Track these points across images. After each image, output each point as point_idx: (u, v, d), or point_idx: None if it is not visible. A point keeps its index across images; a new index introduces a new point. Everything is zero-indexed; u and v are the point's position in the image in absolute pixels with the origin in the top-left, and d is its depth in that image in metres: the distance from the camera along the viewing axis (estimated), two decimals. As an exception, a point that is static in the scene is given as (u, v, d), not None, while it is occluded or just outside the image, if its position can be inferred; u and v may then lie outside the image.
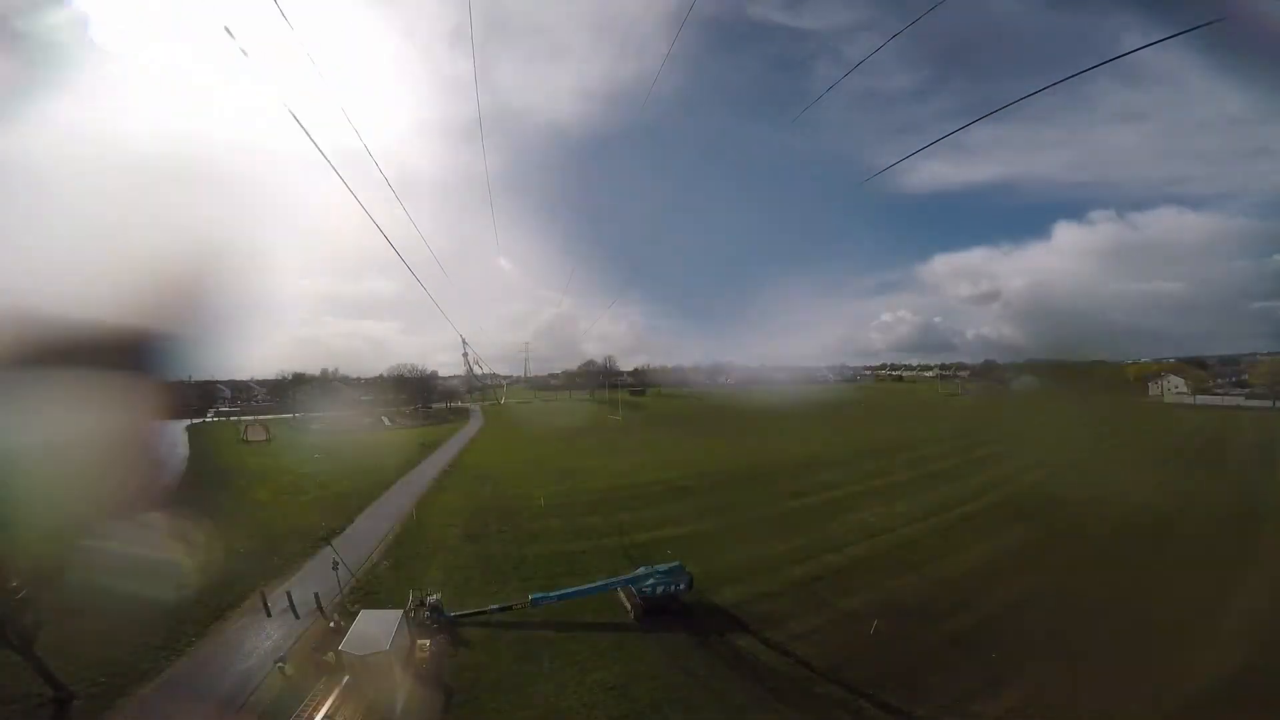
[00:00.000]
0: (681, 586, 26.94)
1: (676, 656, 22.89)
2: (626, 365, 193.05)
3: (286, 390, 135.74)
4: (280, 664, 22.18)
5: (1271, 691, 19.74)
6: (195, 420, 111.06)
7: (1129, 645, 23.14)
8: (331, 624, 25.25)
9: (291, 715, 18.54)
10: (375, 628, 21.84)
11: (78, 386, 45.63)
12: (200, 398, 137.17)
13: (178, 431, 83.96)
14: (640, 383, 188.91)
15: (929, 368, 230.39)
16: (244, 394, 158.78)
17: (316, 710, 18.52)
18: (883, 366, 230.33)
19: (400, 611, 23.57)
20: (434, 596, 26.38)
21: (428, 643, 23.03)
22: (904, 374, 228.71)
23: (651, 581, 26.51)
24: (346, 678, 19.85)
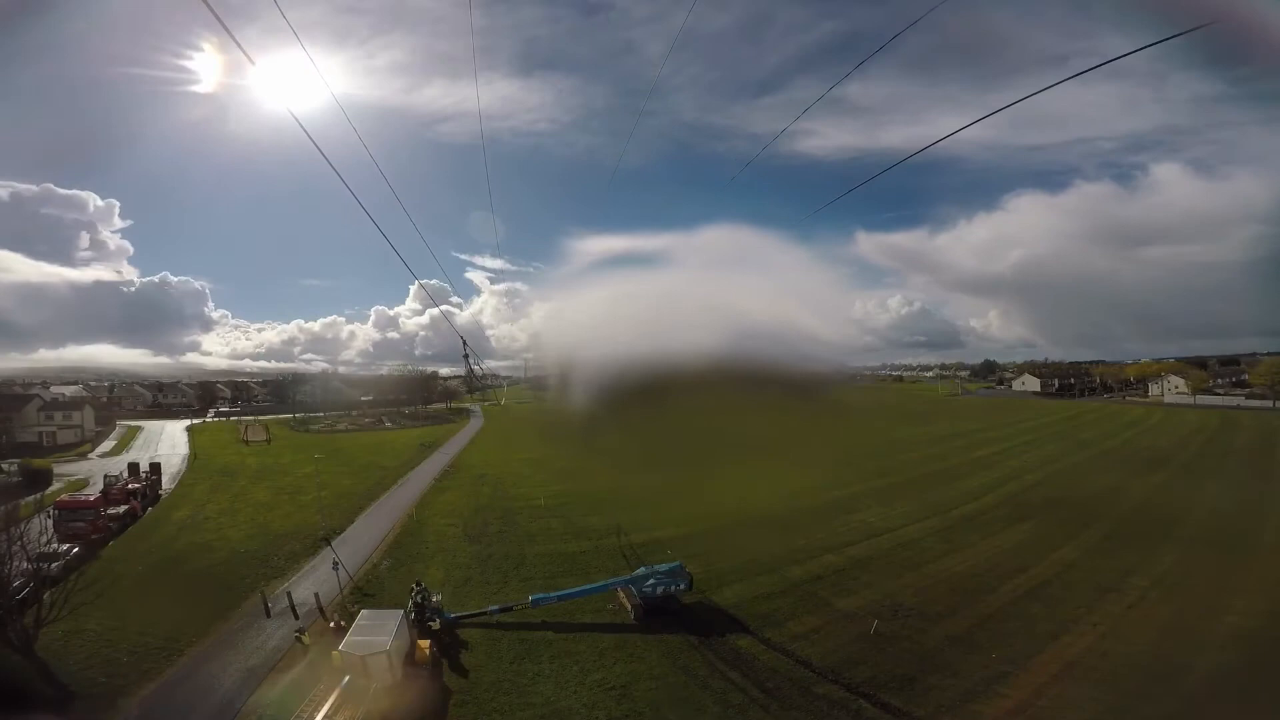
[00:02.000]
0: (682, 586, 26.94)
1: (677, 656, 22.89)
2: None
3: (286, 390, 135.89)
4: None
5: None
6: (195, 420, 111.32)
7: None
8: (331, 624, 25.29)
9: (292, 715, 18.55)
10: (375, 628, 21.85)
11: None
12: (200, 398, 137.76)
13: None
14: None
15: (929, 368, 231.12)
16: (244, 394, 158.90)
17: (316, 710, 18.51)
18: (881, 366, 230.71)
19: (400, 611, 23.57)
20: (435, 597, 26.40)
21: (428, 643, 23.04)
22: (903, 374, 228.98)
23: (652, 582, 26.52)
24: (347, 678, 19.84)
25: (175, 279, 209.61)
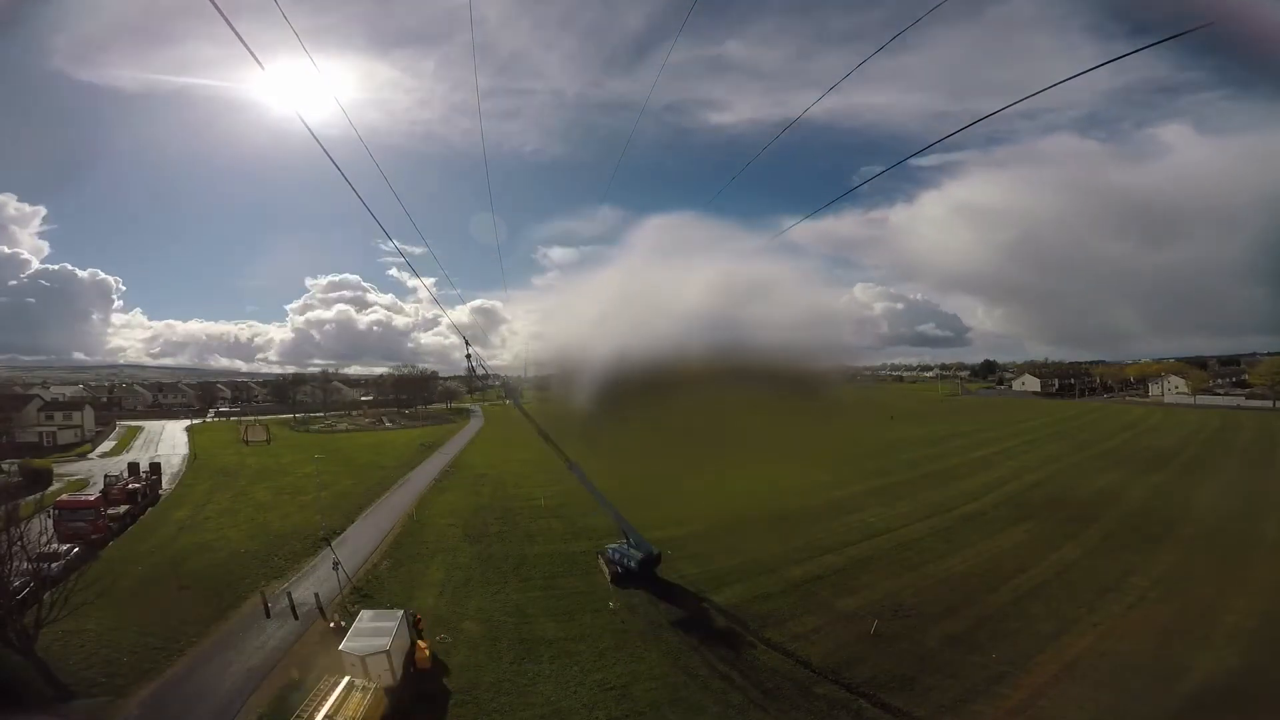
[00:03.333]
0: (647, 557, 29.41)
1: (677, 657, 22.89)
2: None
3: (287, 390, 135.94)
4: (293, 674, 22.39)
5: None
6: (195, 420, 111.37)
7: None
8: (331, 624, 25.29)
9: (292, 715, 18.53)
10: (375, 628, 21.83)
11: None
12: (200, 398, 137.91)
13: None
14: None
15: (929, 368, 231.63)
16: (244, 394, 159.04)
17: (317, 710, 18.50)
18: (882, 366, 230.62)
19: (401, 612, 23.58)
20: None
21: (427, 644, 23.04)
22: (903, 374, 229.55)
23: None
24: (347, 678, 19.83)
25: (84, 273, 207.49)
